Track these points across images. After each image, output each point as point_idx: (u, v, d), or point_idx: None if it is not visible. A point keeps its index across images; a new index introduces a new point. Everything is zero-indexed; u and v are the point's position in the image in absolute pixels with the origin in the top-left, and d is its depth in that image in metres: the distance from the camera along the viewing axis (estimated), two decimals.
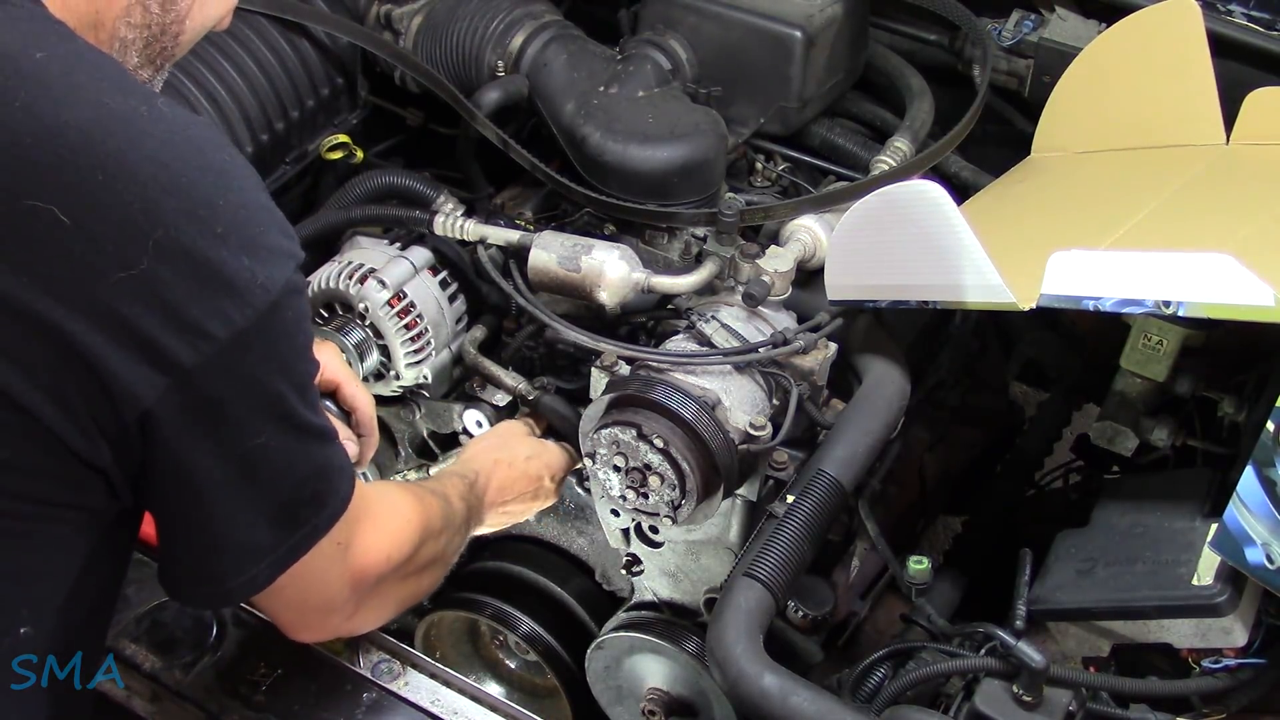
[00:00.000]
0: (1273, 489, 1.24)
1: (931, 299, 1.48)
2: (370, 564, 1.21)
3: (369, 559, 1.21)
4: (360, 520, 1.18)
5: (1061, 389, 2.10)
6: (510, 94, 1.81)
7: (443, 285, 1.80)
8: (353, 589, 1.20)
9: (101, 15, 1.08)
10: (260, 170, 1.82)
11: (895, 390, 1.59)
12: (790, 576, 1.37)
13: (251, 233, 1.00)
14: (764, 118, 1.85)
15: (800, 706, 1.25)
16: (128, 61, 1.11)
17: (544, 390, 1.73)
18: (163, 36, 1.13)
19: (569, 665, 1.87)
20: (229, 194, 0.99)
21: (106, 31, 1.09)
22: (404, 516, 1.29)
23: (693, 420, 1.43)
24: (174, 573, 1.13)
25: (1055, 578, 1.53)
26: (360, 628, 1.29)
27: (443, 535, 1.36)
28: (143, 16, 1.10)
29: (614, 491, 1.50)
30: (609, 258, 1.63)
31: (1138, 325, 1.64)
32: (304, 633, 1.24)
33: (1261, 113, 1.67)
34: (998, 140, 1.98)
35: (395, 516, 1.27)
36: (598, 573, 1.90)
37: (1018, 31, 1.93)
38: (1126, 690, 1.38)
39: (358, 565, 1.20)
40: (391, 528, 1.25)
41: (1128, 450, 1.72)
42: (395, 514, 1.28)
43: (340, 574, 1.18)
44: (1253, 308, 1.22)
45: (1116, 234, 1.47)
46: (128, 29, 1.10)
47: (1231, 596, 1.36)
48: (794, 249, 1.66)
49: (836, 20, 1.83)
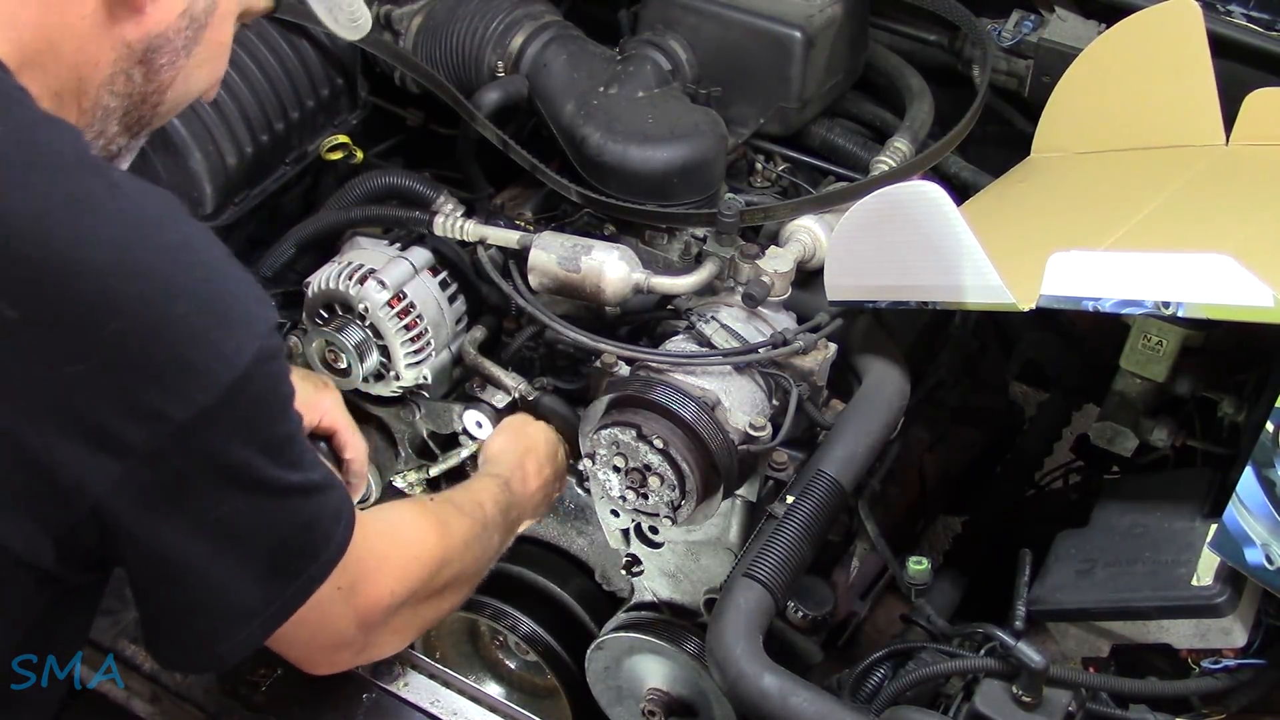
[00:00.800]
0: (1272, 490, 1.24)
1: (931, 300, 1.48)
2: (377, 601, 1.18)
3: (375, 596, 1.18)
4: (364, 559, 1.15)
5: (1061, 389, 2.10)
6: (510, 94, 1.81)
7: (443, 286, 1.80)
8: (360, 626, 1.18)
9: (85, 82, 1.06)
10: (260, 170, 1.84)
11: (895, 390, 1.59)
12: (790, 577, 1.37)
13: (216, 307, 0.97)
14: (764, 118, 1.85)
15: (800, 707, 1.25)
16: (107, 129, 1.10)
17: (544, 391, 1.73)
18: (142, 105, 1.12)
19: (569, 665, 1.87)
20: (191, 270, 0.97)
21: (90, 99, 1.07)
22: (417, 546, 1.26)
23: (692, 421, 1.43)
24: (157, 638, 1.10)
25: (1055, 578, 1.53)
26: (376, 657, 1.26)
27: (469, 553, 1.34)
28: (125, 85, 1.09)
29: (614, 492, 1.50)
30: (609, 258, 1.63)
31: (1137, 326, 1.63)
32: (314, 669, 1.21)
33: (1261, 113, 1.67)
34: (997, 140, 1.97)
35: (406, 548, 1.25)
36: (597, 573, 1.90)
37: (1017, 32, 1.93)
38: (1126, 691, 1.38)
39: (364, 604, 1.17)
40: (401, 561, 1.22)
41: (1127, 450, 1.72)
42: (405, 545, 1.25)
43: (345, 614, 1.16)
44: (1252, 308, 1.22)
45: (1116, 234, 1.47)
46: (111, 96, 1.08)
47: (1231, 597, 1.36)
48: (794, 249, 1.66)
49: (836, 20, 1.83)
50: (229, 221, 1.82)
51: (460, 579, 1.33)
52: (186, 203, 1.74)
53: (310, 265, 1.84)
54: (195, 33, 1.12)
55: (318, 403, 1.55)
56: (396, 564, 1.21)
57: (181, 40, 1.11)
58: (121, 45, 1.07)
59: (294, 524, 1.06)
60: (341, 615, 1.15)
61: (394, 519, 1.29)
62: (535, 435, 1.66)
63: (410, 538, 1.27)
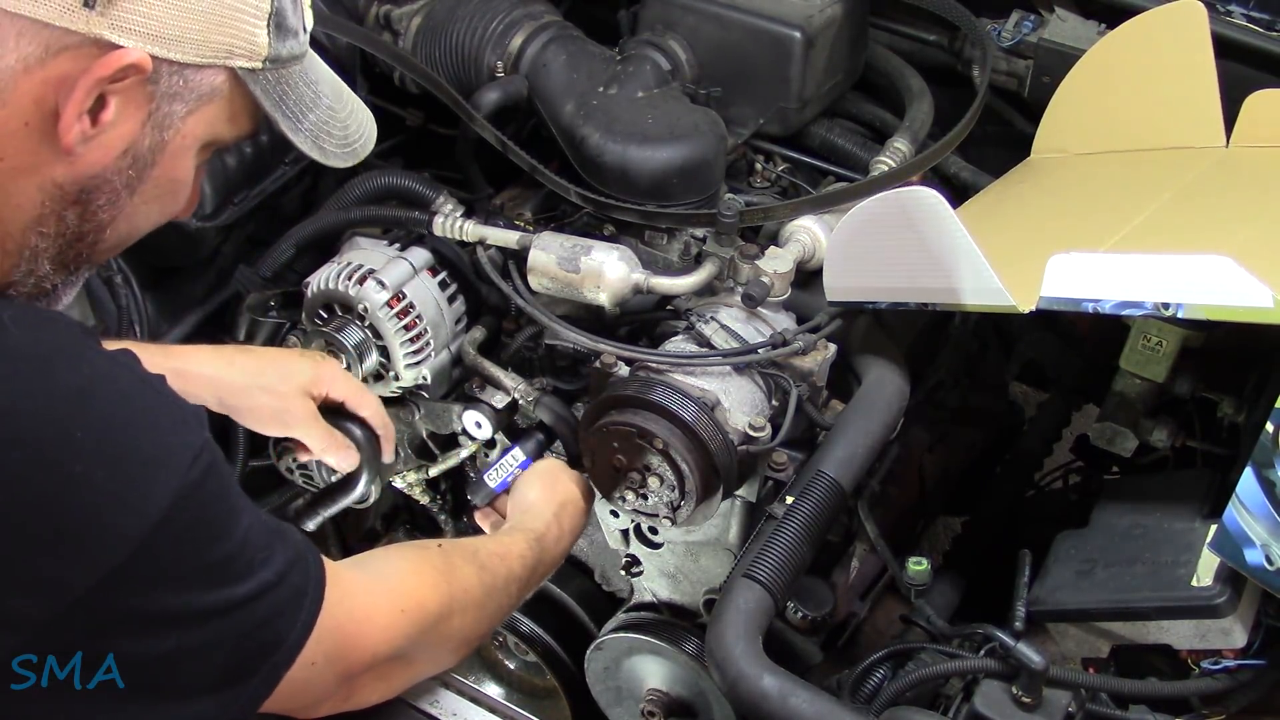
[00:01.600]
0: (1272, 490, 1.24)
1: (931, 301, 1.48)
2: (358, 661, 1.10)
3: (356, 658, 1.10)
4: (342, 624, 1.07)
5: (1061, 390, 2.10)
6: (509, 95, 1.81)
7: (442, 286, 1.80)
8: (343, 682, 1.10)
9: (7, 225, 0.98)
10: (259, 170, 1.84)
11: (894, 391, 1.59)
12: (790, 577, 1.37)
13: (120, 455, 0.88)
14: (763, 118, 1.85)
15: (799, 707, 1.25)
16: (37, 269, 1.01)
17: (544, 391, 1.73)
18: (79, 243, 1.03)
19: (568, 666, 1.87)
20: (88, 418, 0.88)
21: (15, 241, 0.99)
22: (411, 597, 1.17)
23: (692, 421, 1.43)
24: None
25: (1055, 578, 1.53)
26: (365, 704, 1.16)
27: (481, 609, 1.26)
28: (58, 225, 1.01)
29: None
30: (608, 258, 1.63)
31: (1137, 326, 1.63)
32: (295, 716, 1.12)
33: (1261, 115, 1.67)
34: (997, 141, 1.97)
35: (396, 599, 1.16)
36: (597, 573, 1.90)
37: (1017, 32, 1.93)
38: (1126, 691, 1.38)
39: (344, 667, 1.09)
40: (388, 615, 1.14)
41: (1127, 451, 1.72)
42: (396, 596, 1.16)
43: (323, 679, 1.08)
44: (1252, 309, 1.22)
45: (1116, 236, 1.47)
46: (39, 238, 1.00)
47: (1231, 597, 1.36)
48: (793, 250, 1.65)
49: (836, 21, 1.83)
50: (228, 221, 1.83)
51: (468, 633, 1.25)
52: None
53: (310, 265, 1.84)
54: (141, 171, 1.03)
55: (320, 376, 1.50)
56: (382, 620, 1.13)
57: (123, 180, 1.02)
58: (51, 186, 0.99)
59: (247, 629, 0.98)
60: (319, 681, 1.07)
61: (386, 568, 1.20)
62: (571, 488, 1.57)
63: (404, 587, 1.18)
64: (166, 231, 1.77)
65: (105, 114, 0.98)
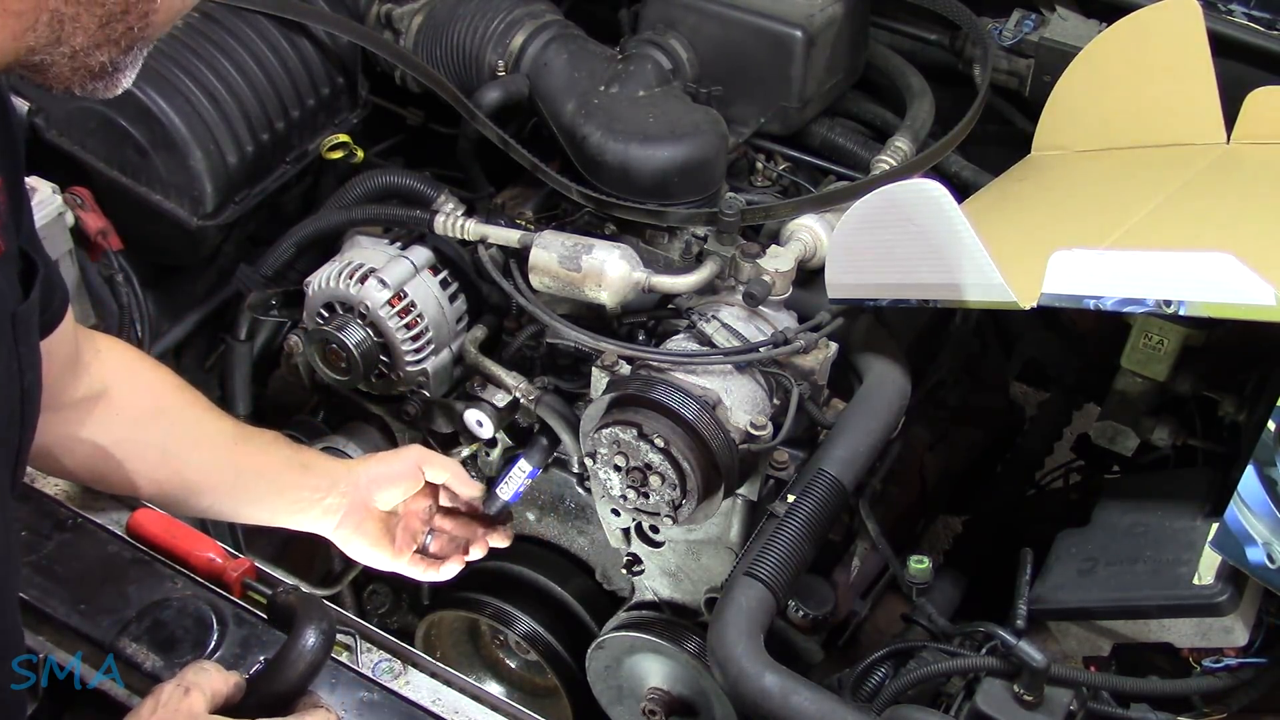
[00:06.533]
0: (1273, 488, 1.24)
1: (932, 298, 1.48)
2: None
3: None
4: None
5: (1062, 389, 2.10)
6: (511, 93, 1.81)
7: (443, 285, 1.80)
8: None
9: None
10: (261, 169, 1.84)
11: (896, 390, 1.59)
12: (791, 576, 1.37)
13: None
14: (764, 117, 1.85)
15: (801, 706, 1.25)
16: (71, 39, 0.91)
17: (544, 390, 1.72)
18: (127, 15, 0.93)
19: (569, 665, 1.87)
20: None
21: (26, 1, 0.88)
22: None
23: (694, 420, 1.43)
24: None
25: (1056, 577, 1.53)
26: None
27: None
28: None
29: (614, 491, 1.50)
30: (609, 257, 1.63)
31: (1138, 325, 1.64)
32: None
33: (1262, 112, 1.67)
34: (998, 140, 1.98)
35: None
36: (598, 572, 1.90)
37: (1018, 31, 1.93)
38: (1127, 689, 1.38)
39: None
40: None
41: (1128, 450, 1.72)
42: None
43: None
44: (1253, 307, 1.22)
45: (1117, 233, 1.47)
46: (63, 2, 0.89)
47: (1232, 596, 1.36)
48: (794, 248, 1.66)
49: (837, 20, 1.83)
50: (229, 220, 1.82)
51: None
52: (187, 201, 1.76)
53: (310, 264, 1.84)
54: None
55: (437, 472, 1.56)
56: None
57: None
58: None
59: None
60: None
61: None
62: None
63: None
64: (168, 230, 1.80)
65: None
